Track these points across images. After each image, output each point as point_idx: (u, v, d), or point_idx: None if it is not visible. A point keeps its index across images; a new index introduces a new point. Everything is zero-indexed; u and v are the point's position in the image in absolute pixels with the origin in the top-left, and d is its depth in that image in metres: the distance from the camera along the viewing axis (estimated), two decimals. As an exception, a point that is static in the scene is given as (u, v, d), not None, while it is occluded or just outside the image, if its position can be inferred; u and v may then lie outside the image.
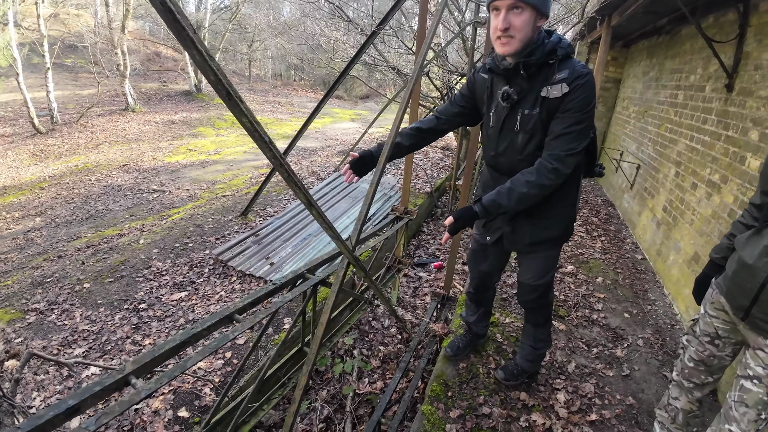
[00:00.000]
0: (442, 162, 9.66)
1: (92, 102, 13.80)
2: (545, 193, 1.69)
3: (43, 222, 6.84)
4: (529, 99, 1.66)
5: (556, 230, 1.95)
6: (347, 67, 3.50)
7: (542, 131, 1.67)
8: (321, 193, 5.84)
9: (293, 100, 20.22)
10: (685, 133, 4.18)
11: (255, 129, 1.11)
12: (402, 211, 3.83)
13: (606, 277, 3.99)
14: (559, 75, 1.58)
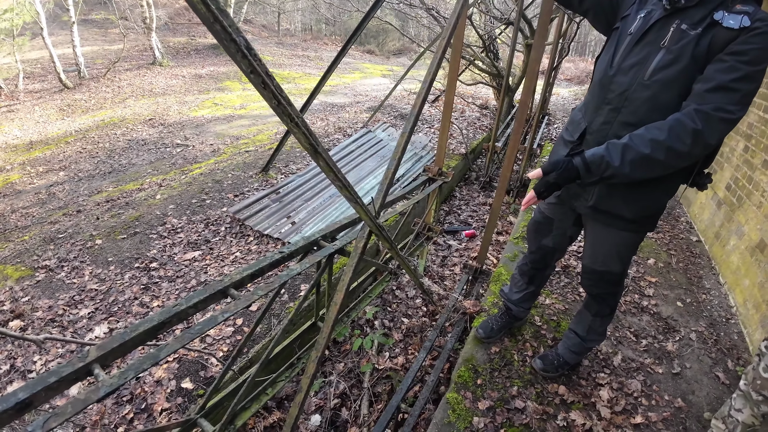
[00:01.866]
0: (479, 122, 9.08)
1: (119, 56, 13.60)
2: (675, 164, 1.24)
3: (66, 176, 6.75)
4: (693, 14, 1.25)
5: (631, 208, 1.49)
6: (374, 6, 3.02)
7: (690, 60, 1.23)
8: (347, 151, 5.45)
9: (323, 55, 19.51)
10: (759, 103, 3.54)
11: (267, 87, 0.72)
12: (436, 172, 3.41)
13: (658, 259, 3.53)
14: (742, 7, 1.19)
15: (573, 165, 1.32)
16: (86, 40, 13.70)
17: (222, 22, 0.78)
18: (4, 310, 3.01)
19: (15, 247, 3.98)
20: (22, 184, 6.66)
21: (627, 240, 1.61)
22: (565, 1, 1.60)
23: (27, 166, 7.44)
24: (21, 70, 12.18)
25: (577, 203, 1.62)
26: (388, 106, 8.77)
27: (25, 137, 9.33)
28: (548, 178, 1.35)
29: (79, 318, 2.91)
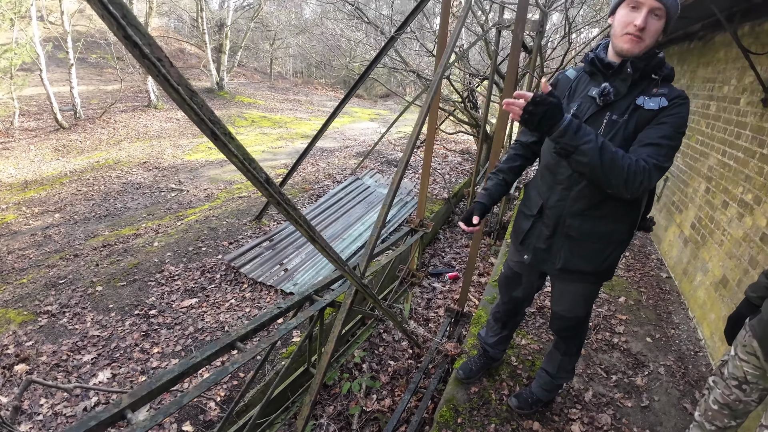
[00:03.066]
0: (460, 166, 9.51)
1: (115, 98, 14.02)
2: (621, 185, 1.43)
3: (61, 218, 6.94)
4: (621, 105, 1.54)
5: (592, 264, 1.77)
6: (365, 72, 3.42)
7: (624, 139, 1.53)
8: (336, 198, 5.77)
9: (313, 99, 20.24)
10: (717, 147, 3.93)
11: (248, 169, 1.01)
12: (417, 223, 3.73)
13: (629, 296, 3.82)
14: (659, 90, 1.51)
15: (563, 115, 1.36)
16: (82, 80, 14.07)
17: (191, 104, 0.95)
18: (8, 354, 3.17)
19: (15, 291, 4.15)
20: (17, 224, 6.81)
21: (588, 289, 1.90)
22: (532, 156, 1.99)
23: (22, 206, 7.60)
24: (17, 108, 12.34)
25: (546, 267, 1.89)
26: (376, 152, 9.19)
27: (20, 176, 9.50)
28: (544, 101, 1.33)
29: (83, 363, 3.09)
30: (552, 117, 1.34)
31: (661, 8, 1.42)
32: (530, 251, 1.89)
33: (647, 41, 1.46)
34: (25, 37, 11.77)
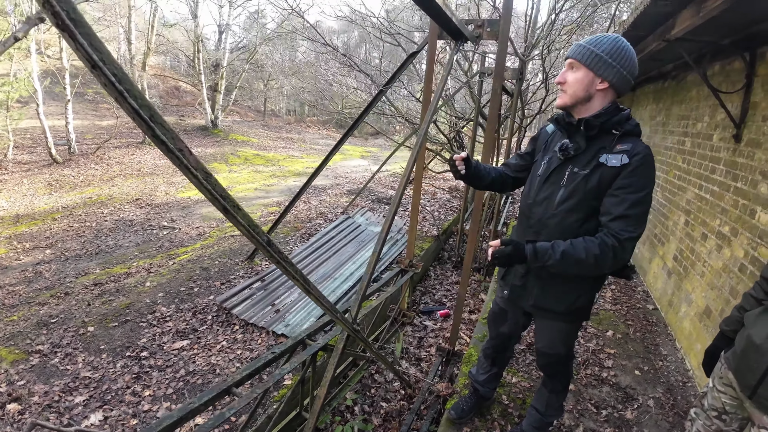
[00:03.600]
0: (449, 203, 9.69)
1: (110, 134, 14.19)
2: (599, 270, 1.62)
3: (52, 255, 6.93)
4: (582, 159, 1.67)
5: (563, 304, 1.87)
6: (356, 121, 3.61)
7: (583, 194, 1.65)
8: (327, 237, 5.87)
9: (305, 137, 20.64)
10: (694, 182, 4.07)
11: (253, 234, 1.12)
12: (407, 264, 3.83)
13: (616, 330, 3.90)
14: (621, 146, 1.59)
15: (524, 249, 1.63)
16: (77, 114, 14.23)
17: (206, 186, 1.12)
18: (1, 392, 3.16)
19: (5, 328, 4.14)
20: (8, 259, 6.79)
21: (565, 329, 1.98)
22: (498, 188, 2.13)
23: (13, 241, 7.57)
24: (11, 141, 12.39)
25: (522, 303, 2.00)
26: (366, 190, 9.36)
27: (12, 210, 9.49)
28: (505, 249, 1.64)
29: (75, 405, 3.08)
30: (515, 256, 1.63)
31: (572, 61, 1.60)
32: (509, 287, 2.02)
33: (569, 92, 1.62)
34: (24, 72, 12.01)
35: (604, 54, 1.55)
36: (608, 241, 1.55)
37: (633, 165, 1.54)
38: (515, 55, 5.48)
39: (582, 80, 1.59)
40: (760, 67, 3.14)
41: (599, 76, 1.58)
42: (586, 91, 1.60)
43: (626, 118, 1.62)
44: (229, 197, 1.14)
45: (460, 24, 2.46)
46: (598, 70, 1.57)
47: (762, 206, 2.81)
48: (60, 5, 0.68)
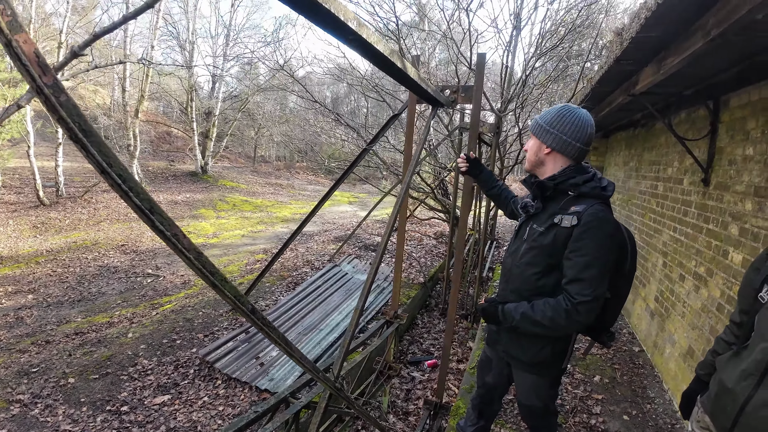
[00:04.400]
0: (435, 249, 9.78)
1: (99, 178, 14.20)
2: (556, 332, 1.76)
3: (35, 300, 6.82)
4: (541, 217, 1.82)
5: (527, 354, 1.94)
6: (343, 175, 3.74)
7: (540, 251, 1.77)
8: (314, 287, 5.89)
9: (294, 183, 20.90)
10: (669, 224, 4.19)
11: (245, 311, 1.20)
12: (392, 315, 3.86)
13: (603, 374, 3.90)
14: (575, 207, 1.69)
15: (497, 310, 1.88)
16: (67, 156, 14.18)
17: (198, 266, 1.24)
18: (-18, 440, 3.07)
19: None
20: (-11, 302, 6.66)
21: (535, 381, 2.02)
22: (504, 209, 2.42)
23: (-5, 284, 7.44)
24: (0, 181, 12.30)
25: (497, 348, 2.09)
26: (354, 237, 9.45)
27: (-4, 251, 9.35)
28: (485, 308, 1.93)
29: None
30: (491, 315, 1.91)
31: (529, 132, 1.87)
32: (488, 333, 2.15)
33: (528, 156, 1.87)
34: (17, 114, 12.09)
35: (545, 124, 1.77)
36: (563, 305, 1.66)
37: (582, 228, 1.63)
38: (492, 111, 5.82)
39: (532, 147, 1.84)
40: (723, 114, 3.31)
41: (543, 142, 1.79)
42: (536, 156, 1.83)
43: (585, 180, 1.72)
44: (218, 272, 1.23)
45: (436, 93, 2.64)
46: (541, 138, 1.79)
47: (734, 247, 2.91)
48: (73, 120, 0.80)
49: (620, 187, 6.41)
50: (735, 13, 1.72)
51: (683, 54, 2.33)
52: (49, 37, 14.36)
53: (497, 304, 1.89)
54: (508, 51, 6.23)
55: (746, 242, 2.76)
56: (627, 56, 2.92)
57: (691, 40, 2.21)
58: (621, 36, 2.91)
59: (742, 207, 2.88)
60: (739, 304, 1.58)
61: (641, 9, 2.42)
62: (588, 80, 4.68)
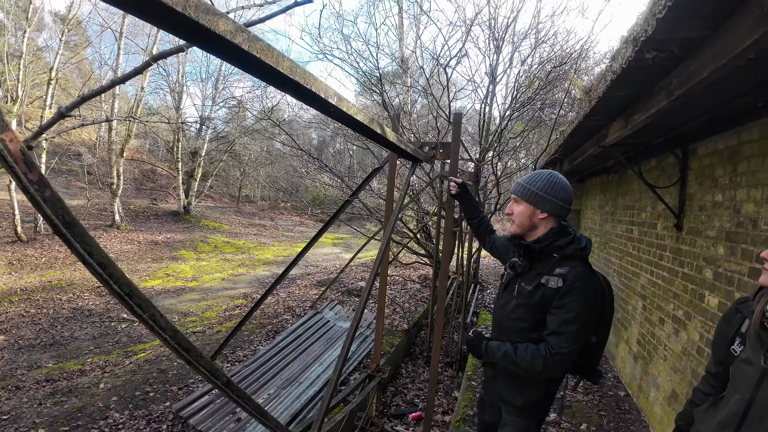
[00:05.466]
0: (419, 294, 9.72)
1: (79, 215, 13.98)
2: (533, 375, 1.87)
3: (5, 342, 6.58)
4: (529, 276, 1.91)
5: (507, 395, 2.02)
6: (325, 226, 3.76)
7: (529, 307, 1.87)
8: (294, 336, 5.77)
9: (278, 224, 20.82)
10: (646, 268, 4.22)
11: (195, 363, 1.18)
12: (374, 368, 3.79)
13: (590, 422, 3.83)
14: (560, 269, 1.80)
15: (481, 344, 1.97)
16: None
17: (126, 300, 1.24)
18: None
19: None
20: (-42, 343, 6.37)
21: (519, 425, 2.05)
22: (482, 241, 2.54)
23: (-34, 323, 7.14)
24: None
25: (491, 393, 2.15)
26: (337, 281, 9.37)
27: (-32, 288, 9.01)
28: (471, 338, 2.03)
29: None
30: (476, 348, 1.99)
31: (515, 197, 1.94)
32: (484, 377, 2.25)
33: (516, 221, 1.94)
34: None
35: (539, 191, 1.87)
36: (542, 353, 1.78)
37: (566, 288, 1.76)
38: (471, 160, 6.04)
39: (524, 213, 1.91)
40: (692, 161, 3.43)
41: (538, 208, 1.88)
42: (529, 220, 1.91)
43: (568, 242, 1.85)
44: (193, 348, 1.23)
45: (415, 151, 2.74)
46: (537, 204, 1.87)
47: (709, 290, 2.95)
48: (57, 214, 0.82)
49: (597, 230, 6.51)
50: (697, 76, 1.83)
51: (649, 111, 2.46)
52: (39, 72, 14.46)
53: (483, 339, 1.99)
54: (485, 103, 6.52)
55: (721, 286, 2.81)
56: (596, 113, 3.07)
57: (656, 99, 2.34)
58: (589, 94, 3.06)
59: (714, 251, 2.94)
60: (713, 356, 1.62)
61: (607, 71, 2.56)
62: (561, 132, 4.87)
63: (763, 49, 1.42)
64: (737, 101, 2.44)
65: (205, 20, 0.86)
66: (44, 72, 13.92)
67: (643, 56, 1.93)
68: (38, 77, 14.33)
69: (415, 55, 8.10)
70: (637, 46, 1.90)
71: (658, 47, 1.86)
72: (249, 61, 1.07)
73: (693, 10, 1.54)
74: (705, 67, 1.75)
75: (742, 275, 2.58)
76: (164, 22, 0.87)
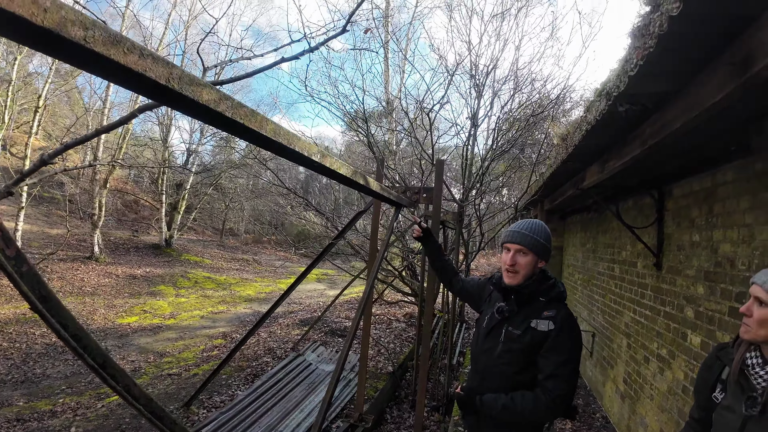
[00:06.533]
0: (405, 333, 9.56)
1: (57, 245, 13.50)
2: (534, 420, 1.89)
3: (-24, 376, 6.24)
4: (516, 320, 1.92)
5: None
6: (309, 267, 3.74)
7: (519, 351, 1.88)
8: (274, 380, 5.57)
9: (262, 258, 20.52)
10: (629, 306, 4.20)
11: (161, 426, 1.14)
12: (357, 417, 3.67)
13: None
14: (548, 312, 1.86)
15: (474, 400, 1.93)
16: (28, 218, 13.42)
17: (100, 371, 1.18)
18: None
19: None
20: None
21: None
22: (447, 284, 2.53)
23: (-66, 357, 6.77)
24: None
25: None
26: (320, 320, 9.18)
27: (-63, 319, 8.58)
28: (462, 397, 1.99)
29: None
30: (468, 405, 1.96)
31: (521, 248, 1.91)
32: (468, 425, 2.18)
33: (522, 273, 1.91)
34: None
35: (544, 240, 1.93)
36: (542, 398, 1.79)
37: (557, 331, 1.81)
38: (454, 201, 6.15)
39: (531, 263, 1.92)
40: (668, 202, 3.48)
41: (542, 258, 1.94)
42: (533, 270, 1.93)
43: (551, 286, 1.93)
44: (167, 416, 1.19)
45: (398, 198, 2.78)
46: (541, 255, 1.93)
47: (691, 329, 2.94)
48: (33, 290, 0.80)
49: (580, 267, 6.52)
50: (669, 127, 1.89)
51: (623, 159, 2.53)
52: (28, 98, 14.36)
53: (474, 395, 1.95)
54: (467, 146, 6.68)
55: (702, 325, 2.81)
56: (572, 159, 3.14)
57: (630, 147, 2.42)
58: (566, 141, 3.15)
59: (694, 291, 2.95)
60: (696, 401, 1.62)
61: (582, 121, 2.64)
62: (541, 174, 4.97)
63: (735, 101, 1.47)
64: (711, 145, 2.52)
65: (189, 91, 0.87)
66: (33, 98, 13.84)
67: (616, 109, 2.01)
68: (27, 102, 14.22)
69: (399, 99, 8.34)
70: (610, 100, 1.98)
71: (631, 101, 1.94)
72: (233, 126, 1.09)
73: (664, 68, 1.61)
74: (677, 118, 1.82)
75: (722, 314, 2.59)
76: (151, 93, 0.88)
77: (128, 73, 0.74)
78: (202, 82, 0.90)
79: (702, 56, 1.52)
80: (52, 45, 0.66)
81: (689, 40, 1.42)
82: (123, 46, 0.70)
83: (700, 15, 1.27)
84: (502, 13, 6.79)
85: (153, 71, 0.76)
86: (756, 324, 1.31)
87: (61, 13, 0.62)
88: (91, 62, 0.71)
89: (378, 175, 3.64)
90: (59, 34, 0.63)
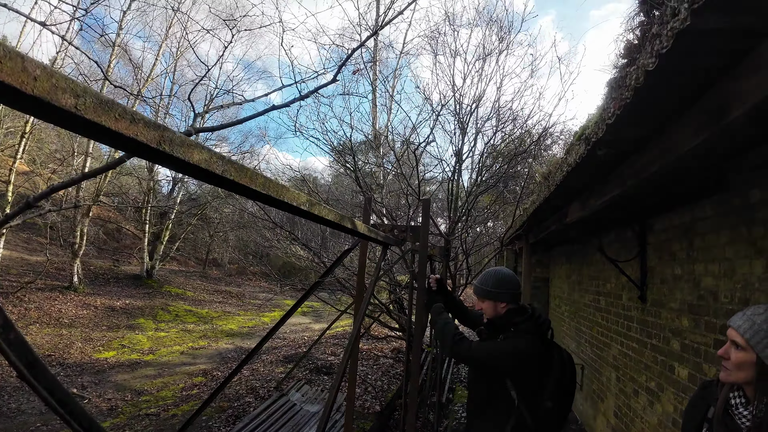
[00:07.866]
0: (392, 369, 9.37)
1: (36, 274, 13.07)
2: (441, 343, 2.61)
3: (-51, 412, 5.89)
4: None
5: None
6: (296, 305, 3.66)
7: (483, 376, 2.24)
8: (257, 422, 5.38)
9: (245, 290, 20.15)
10: (616, 338, 4.18)
11: None
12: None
13: None
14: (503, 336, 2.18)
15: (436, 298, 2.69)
16: (8, 244, 13.00)
17: None
18: None
19: None
20: None
21: None
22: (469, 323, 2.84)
23: None
24: None
25: None
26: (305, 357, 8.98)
27: None
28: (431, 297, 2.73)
29: None
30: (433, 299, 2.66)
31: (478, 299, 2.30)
32: None
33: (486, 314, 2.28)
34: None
35: (493, 288, 2.22)
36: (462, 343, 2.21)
37: None
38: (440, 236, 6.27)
39: (490, 307, 2.26)
40: (650, 236, 3.51)
41: (498, 300, 2.23)
42: (495, 311, 2.25)
43: (524, 320, 2.16)
44: None
45: (386, 237, 2.79)
46: (495, 299, 2.23)
47: (678, 362, 2.92)
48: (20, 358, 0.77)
49: (566, 299, 6.50)
50: (647, 169, 1.94)
51: (604, 197, 2.59)
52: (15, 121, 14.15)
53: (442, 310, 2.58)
54: (452, 181, 6.81)
55: (689, 357, 2.80)
56: (555, 197, 3.20)
57: (610, 186, 2.47)
58: (548, 180, 3.21)
59: (679, 323, 2.95)
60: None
61: (563, 163, 2.70)
62: (524, 209, 5.04)
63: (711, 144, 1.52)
64: (688, 182, 2.56)
65: (180, 153, 0.87)
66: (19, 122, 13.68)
67: (595, 153, 2.06)
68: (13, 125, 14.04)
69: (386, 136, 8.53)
70: (589, 145, 2.03)
71: (609, 145, 1.99)
72: (225, 182, 1.09)
73: (640, 116, 1.67)
74: (655, 160, 1.87)
75: (708, 347, 2.59)
76: (143, 154, 0.87)
77: (120, 138, 0.74)
78: (192, 142, 0.90)
79: (677, 106, 1.58)
80: (43, 111, 0.65)
81: (665, 92, 1.47)
82: (114, 112, 0.70)
83: (676, 70, 1.33)
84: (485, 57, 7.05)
85: (144, 135, 0.76)
86: (734, 367, 1.33)
87: (51, 81, 0.62)
88: (82, 128, 0.71)
89: (365, 213, 3.66)
90: (50, 102, 0.62)
